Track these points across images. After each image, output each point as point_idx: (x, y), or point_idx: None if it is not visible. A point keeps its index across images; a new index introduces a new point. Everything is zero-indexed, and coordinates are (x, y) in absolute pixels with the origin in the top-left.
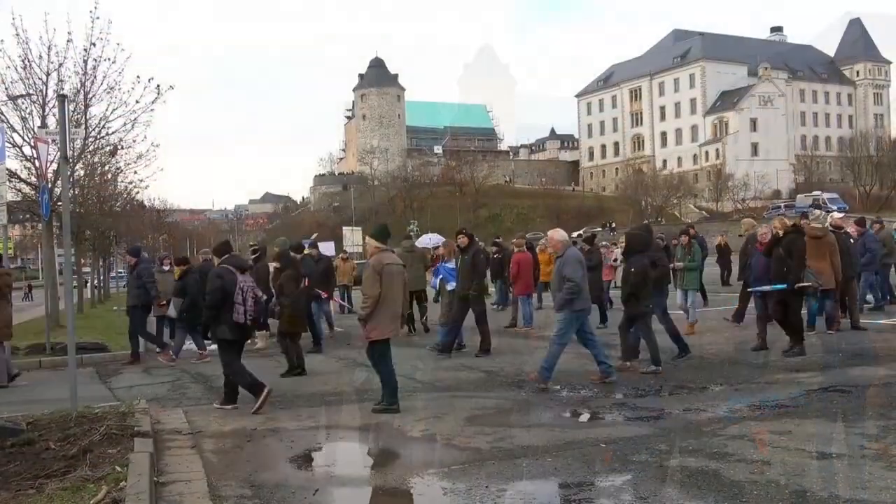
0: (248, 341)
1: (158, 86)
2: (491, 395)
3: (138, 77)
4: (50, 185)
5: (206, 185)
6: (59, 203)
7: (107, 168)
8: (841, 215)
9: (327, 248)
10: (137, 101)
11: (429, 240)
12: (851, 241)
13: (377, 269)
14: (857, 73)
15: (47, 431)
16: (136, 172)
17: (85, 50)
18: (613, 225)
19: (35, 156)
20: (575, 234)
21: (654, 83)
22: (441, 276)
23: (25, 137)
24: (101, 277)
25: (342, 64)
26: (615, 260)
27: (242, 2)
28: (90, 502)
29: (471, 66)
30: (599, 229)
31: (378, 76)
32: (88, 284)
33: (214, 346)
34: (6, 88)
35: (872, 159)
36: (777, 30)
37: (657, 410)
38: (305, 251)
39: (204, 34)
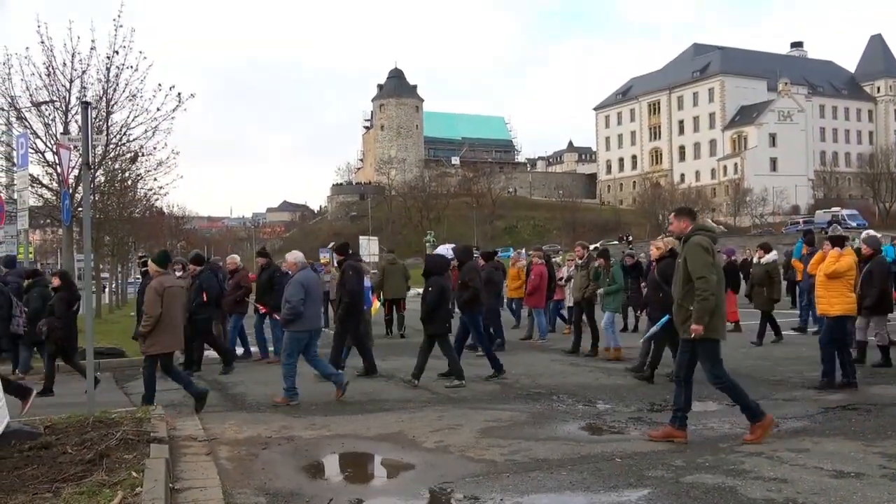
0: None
1: (179, 94)
2: (505, 407)
3: (160, 85)
4: (71, 191)
5: (224, 193)
6: (80, 209)
7: (127, 175)
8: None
9: None
10: (158, 109)
11: (446, 250)
12: None
13: (158, 291)
14: (878, 89)
15: (64, 435)
16: (156, 179)
17: (108, 58)
18: (630, 238)
19: (57, 162)
20: (591, 247)
21: (673, 97)
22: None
23: (48, 143)
24: (120, 283)
25: (361, 74)
26: (560, 279)
27: (262, 11)
28: None
29: (490, 77)
30: (616, 242)
31: (397, 87)
32: (106, 290)
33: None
34: (31, 95)
35: (893, 176)
36: (797, 45)
37: None
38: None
39: (222, 44)
